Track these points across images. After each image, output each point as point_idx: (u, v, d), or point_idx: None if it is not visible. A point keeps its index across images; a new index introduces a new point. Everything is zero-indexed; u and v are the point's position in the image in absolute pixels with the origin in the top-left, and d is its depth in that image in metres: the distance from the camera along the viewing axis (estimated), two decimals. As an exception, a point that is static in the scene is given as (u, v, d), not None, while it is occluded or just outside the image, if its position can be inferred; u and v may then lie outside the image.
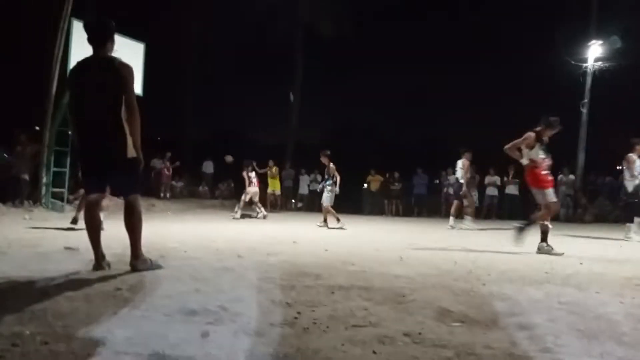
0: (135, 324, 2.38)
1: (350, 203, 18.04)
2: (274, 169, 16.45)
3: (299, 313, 2.67)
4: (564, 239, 7.89)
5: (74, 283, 3.25)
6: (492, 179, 16.10)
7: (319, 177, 18.27)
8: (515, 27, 23.45)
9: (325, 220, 9.75)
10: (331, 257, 5.02)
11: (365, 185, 17.94)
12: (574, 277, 4.12)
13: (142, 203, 4.33)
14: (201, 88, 23.82)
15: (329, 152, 9.78)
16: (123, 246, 4.62)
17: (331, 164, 9.76)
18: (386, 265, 4.50)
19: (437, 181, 17.45)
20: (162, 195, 16.22)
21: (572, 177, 15.73)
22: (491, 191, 16.12)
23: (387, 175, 17.48)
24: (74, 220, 7.15)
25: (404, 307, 2.92)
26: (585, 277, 4.11)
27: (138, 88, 11.71)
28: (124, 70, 3.64)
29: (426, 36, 26.12)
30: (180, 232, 7.55)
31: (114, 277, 3.42)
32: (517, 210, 15.02)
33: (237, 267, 4.13)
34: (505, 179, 15.94)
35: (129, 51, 10.99)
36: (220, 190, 18.75)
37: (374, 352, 2.07)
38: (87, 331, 2.23)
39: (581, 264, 5.05)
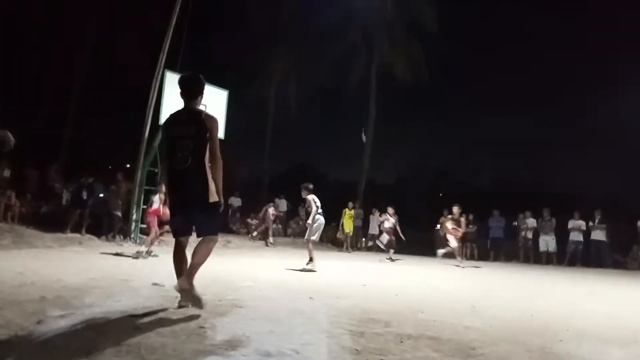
0: (217, 361, 2.60)
1: (424, 245, 17.76)
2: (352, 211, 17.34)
3: (367, 361, 2.76)
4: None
5: (162, 319, 3.57)
6: (577, 223, 15.19)
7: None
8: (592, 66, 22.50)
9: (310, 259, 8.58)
10: (400, 303, 5.04)
11: (438, 226, 17.57)
12: (663, 338, 3.84)
13: (220, 239, 4.71)
14: (279, 128, 24.84)
15: (310, 186, 8.92)
16: (202, 285, 4.96)
17: (308, 196, 8.79)
18: (457, 315, 4.45)
19: (515, 224, 16.73)
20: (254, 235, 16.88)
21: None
22: (575, 236, 15.17)
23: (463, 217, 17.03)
24: (148, 252, 8.73)
25: (474, 360, 2.92)
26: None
27: (221, 132, 12.57)
28: (210, 122, 3.99)
29: (498, 80, 25.76)
30: (254, 269, 7.87)
31: (197, 315, 3.70)
32: (604, 257, 14.04)
33: (308, 309, 4.29)
34: (590, 223, 14.98)
35: (214, 98, 11.95)
36: (292, 228, 19.19)
37: (440, 407, 2.12)
38: (175, 366, 2.47)
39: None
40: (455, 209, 12.74)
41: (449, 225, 12.77)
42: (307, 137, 27.40)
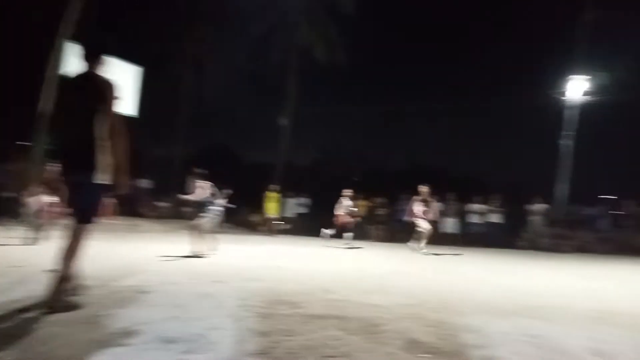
0: (113, 351, 2.46)
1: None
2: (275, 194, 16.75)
3: (274, 342, 2.76)
4: (541, 269, 8.06)
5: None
6: (477, 207, 16.35)
7: (306, 200, 18.46)
8: (504, 60, 24.18)
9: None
10: (312, 284, 5.11)
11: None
12: (542, 309, 4.26)
13: (126, 222, 4.46)
14: (195, 107, 24.00)
15: (203, 171, 7.93)
16: (109, 268, 4.69)
17: (202, 183, 7.75)
18: (366, 294, 4.60)
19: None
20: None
21: (543, 206, 16.10)
22: (475, 219, 16.33)
23: (374, 201, 17.63)
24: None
25: (377, 337, 3.02)
26: (552, 310, 4.25)
27: (132, 110, 11.90)
28: (104, 87, 3.40)
29: (414, 67, 26.79)
30: (162, 254, 7.57)
31: (94, 302, 3.48)
32: (499, 237, 15.34)
33: (217, 293, 4.21)
34: (489, 207, 16.20)
35: (126, 74, 11.25)
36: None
37: (341, 383, 2.17)
38: (65, 357, 2.30)
39: (553, 295, 5.21)
40: (424, 189, 11.19)
41: (418, 207, 11.09)
42: (224, 118, 26.69)
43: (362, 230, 17.40)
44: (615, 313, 4.21)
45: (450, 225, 16.55)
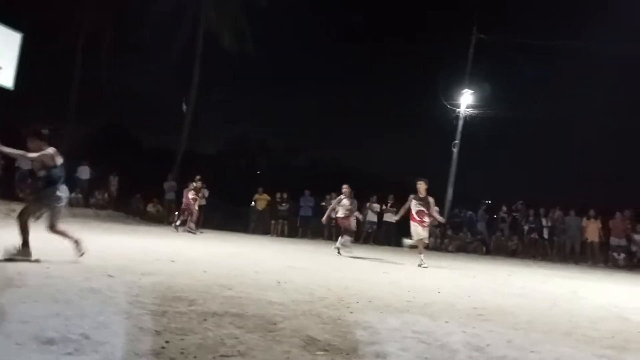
0: (-20, 354, 2.20)
1: (238, 221, 17.95)
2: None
3: (167, 342, 2.65)
4: (430, 268, 8.64)
5: None
6: (373, 206, 17.09)
7: (206, 192, 17.93)
8: (401, 72, 25.53)
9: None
10: (209, 279, 4.99)
11: (253, 203, 17.94)
12: (430, 306, 4.57)
13: (2, 207, 4.06)
14: (88, 83, 22.15)
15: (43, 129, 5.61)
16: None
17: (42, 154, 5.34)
18: (263, 291, 4.59)
19: (323, 204, 18.02)
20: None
21: (435, 208, 17.33)
22: (371, 217, 17.06)
23: (277, 196, 17.67)
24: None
25: (274, 335, 3.03)
26: (439, 307, 4.58)
27: (10, 80, 10.68)
28: None
29: (320, 63, 27.24)
30: (44, 244, 6.91)
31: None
32: (393, 236, 16.22)
33: (105, 288, 3.94)
34: (384, 206, 17.00)
35: (2, 40, 10.05)
36: (95, 198, 17.43)
37: (237, 384, 2.14)
38: None
39: (439, 292, 5.62)
40: (422, 185, 9.25)
41: (414, 207, 9.18)
42: (121, 99, 24.92)
43: (264, 224, 17.40)
44: (492, 310, 4.65)
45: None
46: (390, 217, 16.85)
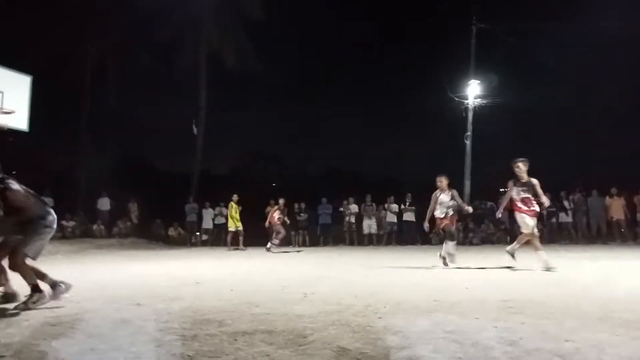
0: (22, 396, 2.25)
1: (258, 235, 18.00)
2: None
3: (200, 366, 2.68)
4: (456, 264, 8.56)
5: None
6: (391, 206, 17.02)
7: (225, 210, 18.05)
8: (407, 67, 25.47)
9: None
10: (235, 298, 5.02)
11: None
12: (458, 304, 4.53)
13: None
14: (97, 119, 22.57)
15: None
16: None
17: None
18: (290, 305, 4.60)
19: (341, 209, 18.01)
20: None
21: (453, 202, 17.19)
22: (390, 218, 16.99)
23: (295, 207, 17.68)
24: None
25: (305, 348, 3.04)
26: (468, 304, 4.54)
27: (24, 123, 10.96)
28: None
29: (323, 74, 27.36)
30: (72, 278, 7.03)
31: (1, 337, 3.16)
32: (414, 235, 16.10)
33: (135, 317, 4.00)
34: (402, 206, 16.92)
35: (13, 85, 10.31)
36: (118, 228, 17.71)
37: (274, 402, 2.16)
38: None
39: (467, 288, 5.56)
40: (522, 167, 7.73)
41: (517, 195, 7.76)
42: (132, 127, 25.32)
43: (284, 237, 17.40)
44: (522, 302, 4.58)
45: (369, 226, 17.08)
46: (409, 216, 16.78)
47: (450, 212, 8.68)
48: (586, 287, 5.54)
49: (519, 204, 7.77)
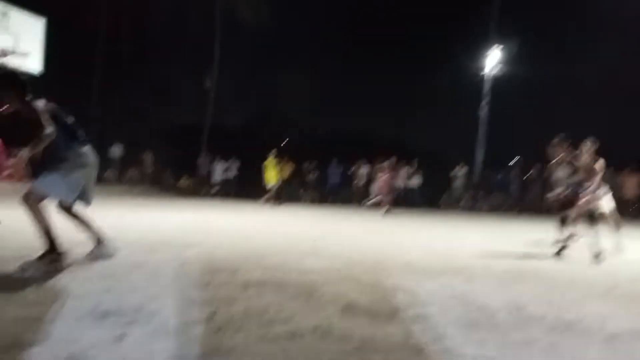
0: (45, 329, 2.34)
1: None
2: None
3: (214, 311, 2.76)
4: (464, 230, 8.62)
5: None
6: (401, 170, 17.03)
7: (235, 164, 18.16)
8: (423, 33, 24.72)
9: None
10: (247, 249, 5.13)
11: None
12: (467, 268, 4.59)
13: None
14: (111, 67, 22.44)
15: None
16: (31, 239, 4.41)
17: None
18: (300, 258, 4.69)
19: (353, 169, 18.01)
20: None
21: (465, 169, 17.15)
22: (399, 183, 17.03)
23: (304, 165, 17.75)
24: None
25: (315, 301, 3.12)
26: (476, 269, 4.60)
27: (37, 65, 10.93)
28: None
29: (340, 32, 26.59)
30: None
31: (18, 277, 3.27)
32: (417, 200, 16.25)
33: (150, 262, 4.10)
34: (409, 171, 16.93)
35: (26, 26, 10.24)
36: (129, 175, 17.93)
37: (284, 350, 2.23)
38: (-9, 338, 2.16)
39: (475, 254, 5.63)
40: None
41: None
42: (144, 78, 25.10)
43: (292, 193, 17.54)
44: (529, 272, 4.64)
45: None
46: (414, 182, 16.81)
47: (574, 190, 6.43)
48: (591, 260, 5.57)
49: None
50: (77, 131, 3.95)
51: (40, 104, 3.68)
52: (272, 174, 14.92)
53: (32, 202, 3.56)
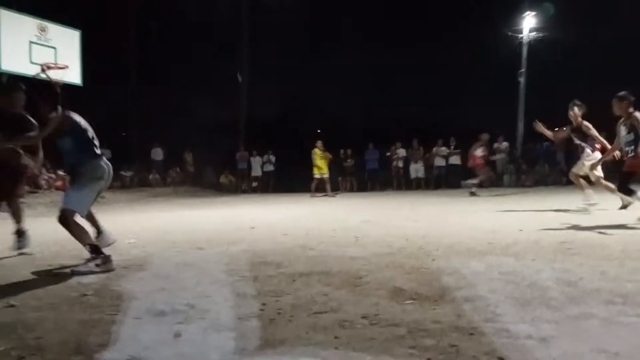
0: (106, 329, 2.47)
1: (307, 182, 18.28)
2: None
3: (264, 304, 2.83)
4: (509, 206, 8.42)
5: (37, 291, 3.26)
6: (439, 150, 16.74)
7: (273, 158, 18.36)
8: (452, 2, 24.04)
9: None
10: (290, 241, 5.20)
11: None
12: (513, 246, 4.49)
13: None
14: (143, 69, 23.07)
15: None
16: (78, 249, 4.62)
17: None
18: (343, 247, 4.72)
19: (388, 154, 17.89)
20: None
21: (505, 144, 16.59)
22: (439, 162, 16.77)
23: (341, 153, 17.70)
24: None
25: (361, 289, 3.14)
26: (523, 246, 4.49)
27: (77, 77, 11.32)
28: None
29: (369, 15, 26.21)
30: (134, 225, 7.49)
31: (77, 282, 3.44)
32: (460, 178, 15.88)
33: (198, 260, 4.23)
34: (448, 150, 16.60)
35: (65, 40, 10.62)
36: (171, 177, 18.45)
37: (336, 337, 2.27)
38: (59, 341, 2.30)
39: (521, 230, 5.49)
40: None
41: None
42: (178, 78, 25.64)
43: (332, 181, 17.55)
44: (580, 244, 4.49)
45: (415, 170, 16.96)
46: (455, 160, 16.49)
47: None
48: (649, 228, 5.34)
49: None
50: (94, 145, 4.20)
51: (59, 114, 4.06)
52: (322, 164, 14.81)
53: (64, 220, 3.91)
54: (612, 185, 6.92)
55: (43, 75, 10.16)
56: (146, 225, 7.34)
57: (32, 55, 10.29)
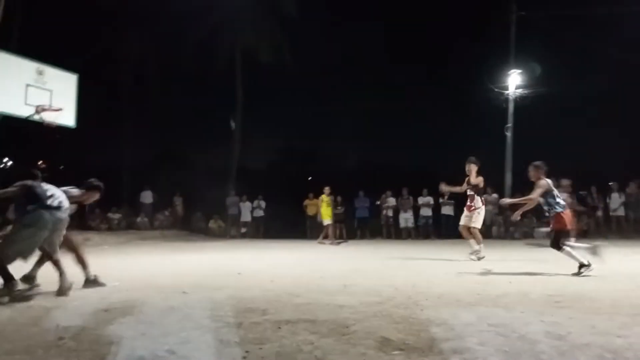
0: (82, 375, 2.37)
1: (296, 228, 18.16)
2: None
3: (247, 352, 2.75)
4: (497, 257, 8.40)
5: (12, 333, 3.14)
6: (425, 199, 16.81)
7: (262, 203, 18.32)
8: (442, 59, 24.97)
9: None
10: (277, 288, 5.10)
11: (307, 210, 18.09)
12: (503, 297, 4.45)
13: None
14: (139, 114, 23.34)
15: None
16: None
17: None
18: (331, 295, 4.64)
19: (378, 203, 17.90)
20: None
21: (495, 195, 16.72)
22: (425, 212, 16.79)
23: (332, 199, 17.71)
24: None
25: (348, 338, 3.07)
26: (512, 297, 4.45)
27: (71, 119, 11.40)
28: None
29: (358, 68, 27.10)
30: (119, 268, 7.33)
31: (55, 325, 3.33)
32: (452, 229, 15.83)
33: (182, 305, 4.13)
34: (440, 199, 16.66)
35: (61, 83, 10.76)
36: (159, 220, 18.26)
37: (320, 388, 2.19)
38: (31, 388, 2.20)
39: (510, 282, 5.45)
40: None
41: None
42: (171, 122, 25.94)
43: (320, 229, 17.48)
44: (569, 296, 4.46)
45: (405, 220, 16.95)
46: (447, 210, 16.52)
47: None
48: (636, 282, 5.33)
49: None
50: (44, 198, 4.72)
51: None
52: (327, 212, 14.79)
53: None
54: (479, 236, 8.56)
55: (37, 117, 10.20)
56: (132, 268, 7.19)
57: (27, 97, 10.35)
